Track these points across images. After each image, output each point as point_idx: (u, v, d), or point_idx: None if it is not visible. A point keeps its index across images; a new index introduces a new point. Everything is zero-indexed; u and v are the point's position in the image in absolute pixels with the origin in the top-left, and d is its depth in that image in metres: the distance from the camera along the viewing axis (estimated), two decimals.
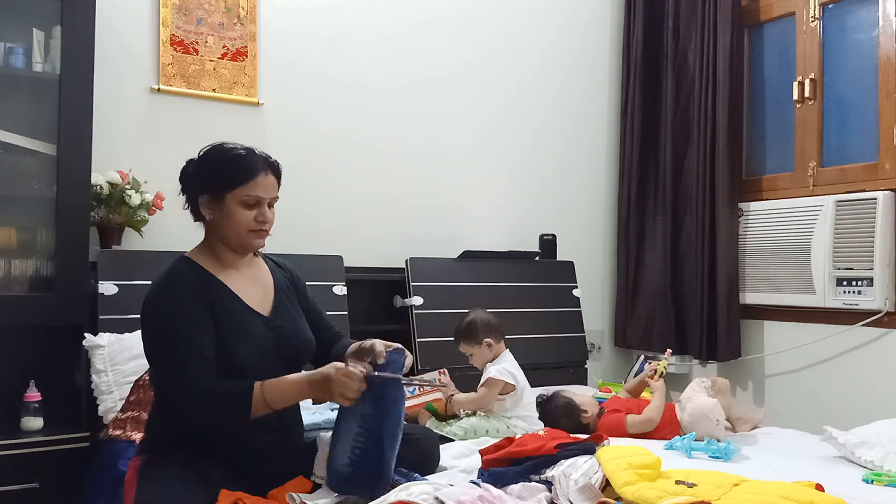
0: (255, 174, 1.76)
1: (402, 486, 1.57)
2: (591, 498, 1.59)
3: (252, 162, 1.78)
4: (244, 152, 1.79)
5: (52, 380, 2.44)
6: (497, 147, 3.59)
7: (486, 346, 2.47)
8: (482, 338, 2.47)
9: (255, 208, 1.77)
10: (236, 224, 1.77)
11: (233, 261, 1.84)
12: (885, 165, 2.94)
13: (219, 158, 1.79)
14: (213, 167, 1.78)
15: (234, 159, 1.78)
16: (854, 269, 2.95)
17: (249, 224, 1.77)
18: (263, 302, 1.84)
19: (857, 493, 1.73)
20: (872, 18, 3.02)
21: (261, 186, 1.77)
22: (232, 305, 1.76)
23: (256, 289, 1.86)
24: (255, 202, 1.77)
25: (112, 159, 2.67)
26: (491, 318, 2.52)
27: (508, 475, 1.71)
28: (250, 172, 1.76)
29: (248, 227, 1.77)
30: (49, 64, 2.43)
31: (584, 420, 2.42)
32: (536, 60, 3.69)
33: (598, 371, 3.67)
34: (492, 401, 2.40)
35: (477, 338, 2.47)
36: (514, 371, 2.43)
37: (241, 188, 1.75)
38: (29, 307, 2.35)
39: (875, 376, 2.91)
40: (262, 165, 1.78)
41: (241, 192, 1.75)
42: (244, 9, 2.98)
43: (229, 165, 1.77)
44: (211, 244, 1.83)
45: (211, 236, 1.83)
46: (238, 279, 1.83)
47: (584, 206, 3.82)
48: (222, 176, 1.76)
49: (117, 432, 2.16)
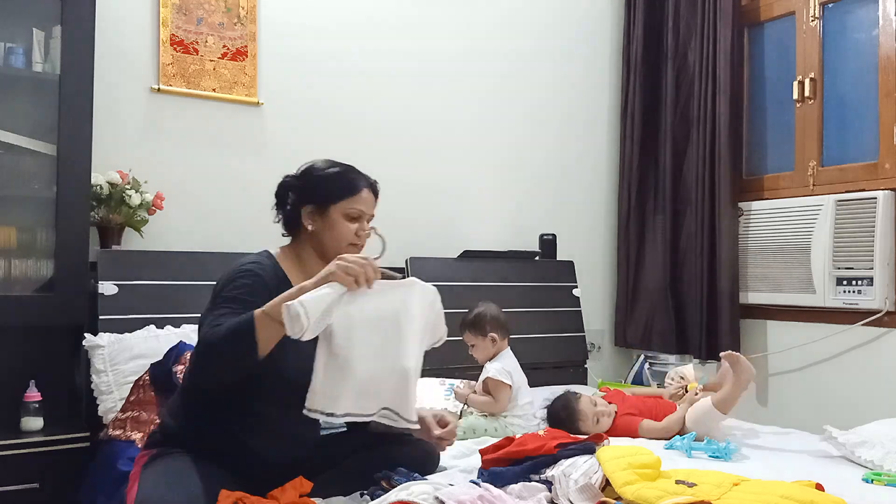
0: (360, 188, 1.84)
1: (402, 486, 1.57)
2: (591, 498, 1.59)
3: (356, 177, 1.85)
4: (348, 168, 1.88)
5: (52, 380, 2.44)
6: (497, 147, 3.59)
7: (490, 341, 2.48)
8: (488, 331, 2.48)
9: (357, 222, 1.83)
10: (338, 235, 1.81)
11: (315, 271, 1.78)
12: (885, 165, 2.94)
13: (325, 171, 1.86)
14: (320, 179, 1.84)
15: (341, 173, 1.85)
16: (854, 268, 2.95)
17: (350, 237, 1.82)
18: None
19: (857, 492, 1.73)
20: (872, 18, 3.02)
21: (364, 201, 1.84)
22: None
23: None
24: (358, 215, 1.83)
25: (112, 159, 2.67)
26: (500, 314, 2.53)
27: (508, 475, 1.70)
28: (356, 186, 1.83)
29: (349, 239, 1.82)
30: (49, 64, 2.43)
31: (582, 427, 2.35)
32: (536, 60, 3.68)
33: (599, 371, 3.67)
34: (505, 405, 2.41)
35: (483, 330, 2.48)
36: (511, 371, 2.43)
37: (347, 200, 1.81)
38: (29, 307, 2.35)
39: (875, 376, 2.91)
40: (364, 183, 1.85)
41: (347, 205, 1.81)
42: (244, 9, 2.98)
43: (337, 178, 1.84)
44: (299, 251, 1.86)
45: (303, 244, 1.85)
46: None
47: (584, 206, 3.82)
48: (329, 187, 1.82)
49: (117, 432, 2.16)
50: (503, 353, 2.50)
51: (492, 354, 2.48)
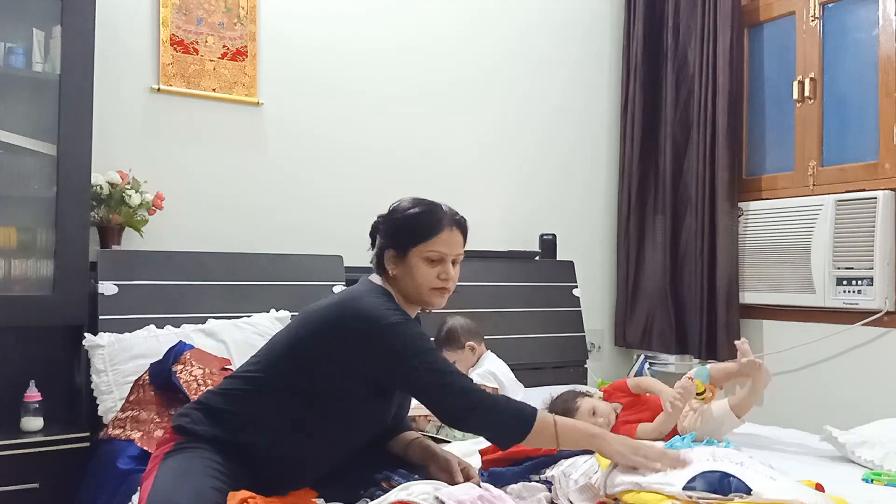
0: (439, 230, 1.74)
1: (402, 486, 1.57)
2: (590, 498, 1.59)
3: (437, 217, 1.75)
4: (429, 208, 1.77)
5: (52, 380, 2.44)
6: (497, 147, 3.58)
7: (469, 350, 2.46)
8: (464, 342, 2.46)
9: (438, 265, 1.74)
10: (419, 280, 1.73)
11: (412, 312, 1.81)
12: (885, 165, 2.94)
13: (404, 213, 1.77)
14: (398, 222, 1.76)
15: (418, 215, 1.76)
16: (854, 268, 2.95)
17: (432, 281, 1.74)
18: None
19: (857, 492, 1.73)
20: (872, 18, 3.02)
21: (444, 242, 1.74)
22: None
23: None
24: (439, 258, 1.74)
25: (112, 159, 2.67)
26: (469, 322, 2.51)
27: (508, 475, 1.71)
28: (434, 228, 1.74)
29: (431, 284, 1.74)
30: (49, 64, 2.43)
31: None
32: (536, 61, 3.69)
33: (598, 371, 3.67)
34: None
35: (459, 343, 2.46)
36: (496, 371, 2.41)
37: (425, 244, 1.73)
38: (29, 307, 2.35)
39: (875, 376, 2.91)
40: (447, 221, 1.75)
41: (425, 248, 1.73)
42: (244, 9, 2.98)
43: (414, 220, 1.75)
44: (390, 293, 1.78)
45: (391, 286, 1.79)
46: None
47: (584, 206, 3.82)
48: (406, 231, 1.74)
49: (117, 432, 2.16)
50: (484, 356, 2.49)
51: (474, 362, 2.47)
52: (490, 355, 2.50)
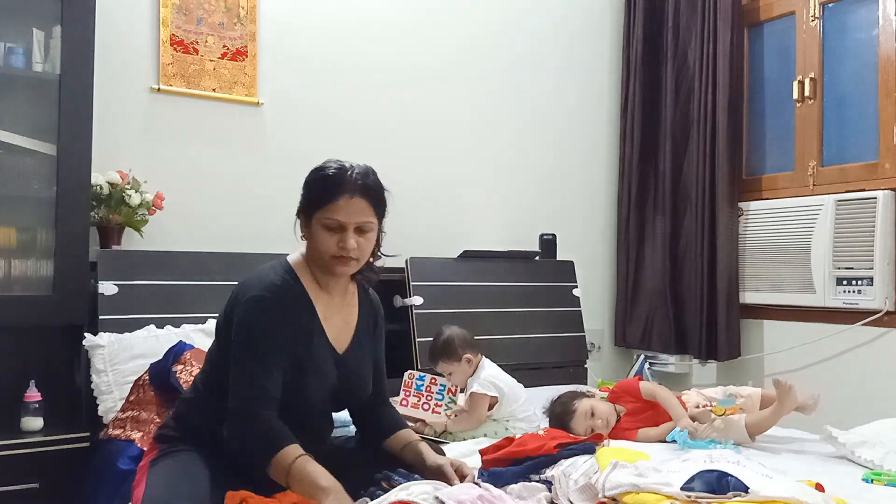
0: (336, 197, 1.65)
1: (402, 485, 1.57)
2: (590, 498, 1.59)
3: (336, 183, 1.66)
4: (332, 172, 1.68)
5: (52, 380, 2.44)
6: (497, 147, 3.58)
7: (466, 362, 2.44)
8: (461, 354, 2.43)
9: (337, 233, 1.66)
10: (320, 248, 1.68)
11: (327, 283, 1.75)
12: (885, 165, 2.94)
13: (311, 179, 1.71)
14: (305, 187, 1.72)
15: (320, 179, 1.68)
16: (854, 268, 2.95)
17: (332, 249, 1.67)
18: (342, 337, 1.78)
19: (857, 492, 1.73)
20: (872, 18, 3.02)
21: (342, 210, 1.65)
22: (315, 337, 1.71)
23: (341, 319, 1.79)
24: (338, 227, 1.66)
25: (112, 159, 2.67)
26: (465, 333, 2.47)
27: (508, 475, 1.70)
28: (332, 195, 1.65)
29: (331, 252, 1.67)
30: (49, 64, 2.43)
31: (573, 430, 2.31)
32: (536, 60, 3.68)
33: (598, 371, 3.67)
34: (483, 417, 2.38)
35: (456, 355, 2.43)
36: (494, 380, 2.39)
37: (322, 211, 1.66)
38: (29, 307, 2.35)
39: (875, 376, 2.91)
40: (348, 188, 1.65)
41: (323, 215, 1.66)
42: (244, 9, 2.98)
43: (316, 185, 1.69)
44: (309, 260, 1.75)
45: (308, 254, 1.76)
46: (328, 306, 1.75)
47: (584, 206, 3.82)
48: (308, 196, 1.70)
49: (117, 432, 2.16)
50: (481, 365, 2.47)
51: (471, 373, 2.45)
52: (486, 363, 2.47)
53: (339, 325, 1.78)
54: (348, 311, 1.82)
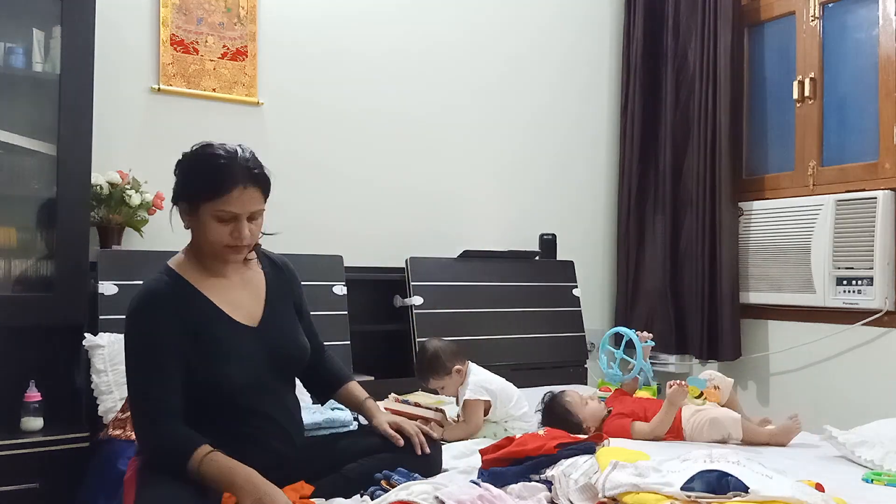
0: (229, 187, 1.60)
1: (402, 485, 1.57)
2: (590, 498, 1.59)
3: (229, 173, 1.61)
4: (223, 161, 1.62)
5: (52, 380, 2.44)
6: (497, 147, 3.59)
7: (456, 373, 2.39)
8: (450, 367, 2.37)
9: (230, 223, 1.64)
10: (211, 238, 1.64)
11: (218, 268, 1.73)
12: (885, 165, 2.94)
13: (196, 165, 1.65)
14: (188, 174, 1.66)
15: (210, 170, 1.62)
16: (854, 268, 2.95)
17: (224, 239, 1.64)
18: (253, 310, 1.75)
19: (857, 492, 1.73)
20: (872, 17, 3.02)
21: (236, 202, 1.61)
22: (215, 322, 1.67)
23: (245, 295, 1.76)
24: (231, 217, 1.63)
25: (112, 159, 2.67)
26: (449, 344, 2.43)
27: (508, 475, 1.70)
28: (224, 185, 1.60)
29: (223, 242, 1.65)
30: (49, 64, 2.43)
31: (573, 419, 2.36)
32: (536, 60, 3.69)
33: (598, 371, 3.67)
34: (480, 422, 2.35)
35: (445, 368, 2.37)
36: (484, 384, 2.36)
37: (214, 202, 1.61)
38: (29, 307, 2.35)
39: (875, 376, 2.91)
40: (241, 177, 1.61)
41: (213, 207, 1.61)
42: (244, 9, 2.98)
43: (205, 176, 1.62)
44: (196, 249, 1.72)
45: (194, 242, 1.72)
46: (224, 288, 1.73)
47: (584, 206, 3.82)
48: (196, 186, 1.63)
49: (117, 432, 2.16)
50: (469, 371, 2.43)
51: (461, 382, 2.42)
52: (473, 368, 2.43)
53: (244, 299, 1.76)
54: (254, 282, 1.81)
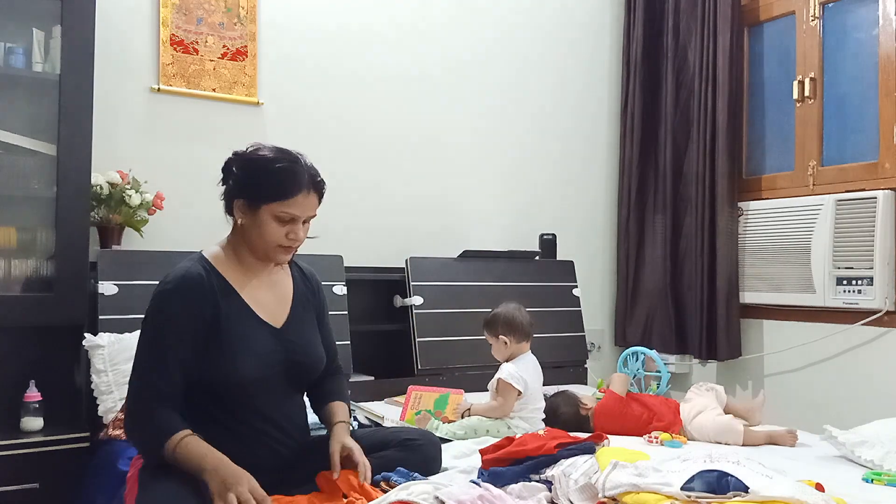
0: (296, 192, 1.69)
1: (401, 485, 1.57)
2: (590, 498, 1.59)
3: (296, 178, 1.69)
4: (291, 165, 1.70)
5: (52, 380, 2.44)
6: (497, 147, 3.59)
7: (503, 343, 2.44)
8: (499, 333, 2.44)
9: (288, 225, 1.72)
10: (266, 237, 1.71)
11: (254, 266, 1.78)
12: (885, 164, 2.94)
13: (263, 167, 1.70)
14: (254, 174, 1.71)
15: (278, 172, 1.69)
16: (854, 268, 2.95)
17: (280, 240, 1.72)
18: (278, 312, 1.80)
19: (857, 492, 1.73)
20: (872, 17, 3.02)
21: (299, 205, 1.70)
22: (241, 317, 1.72)
23: (273, 297, 1.81)
24: (290, 219, 1.71)
25: (112, 159, 2.67)
26: (516, 317, 2.45)
27: (508, 475, 1.70)
28: (292, 189, 1.69)
29: (278, 242, 1.72)
30: (49, 64, 2.43)
31: (582, 411, 2.46)
32: (536, 60, 3.69)
33: (598, 371, 3.67)
34: (511, 408, 2.36)
35: (495, 330, 2.45)
36: (526, 377, 2.37)
37: (279, 204, 1.69)
38: (29, 307, 2.35)
39: (875, 375, 2.91)
40: (306, 183, 1.70)
41: (278, 208, 1.69)
42: (244, 9, 2.98)
43: (272, 177, 1.69)
44: (236, 245, 1.78)
45: (238, 237, 1.77)
46: (255, 286, 1.78)
47: (584, 206, 3.82)
48: (262, 186, 1.69)
49: (117, 432, 2.16)
50: (522, 356, 2.44)
51: (507, 356, 2.45)
52: (528, 357, 2.46)
53: (272, 300, 1.80)
54: (282, 286, 1.85)
